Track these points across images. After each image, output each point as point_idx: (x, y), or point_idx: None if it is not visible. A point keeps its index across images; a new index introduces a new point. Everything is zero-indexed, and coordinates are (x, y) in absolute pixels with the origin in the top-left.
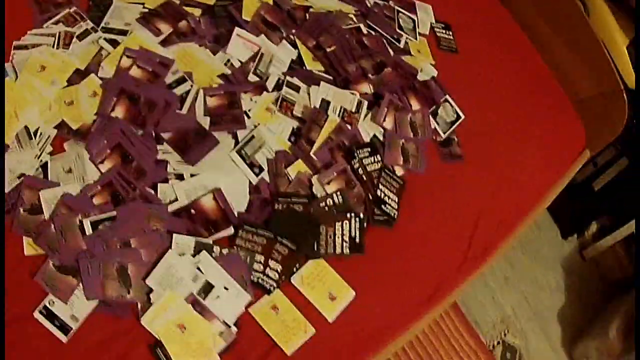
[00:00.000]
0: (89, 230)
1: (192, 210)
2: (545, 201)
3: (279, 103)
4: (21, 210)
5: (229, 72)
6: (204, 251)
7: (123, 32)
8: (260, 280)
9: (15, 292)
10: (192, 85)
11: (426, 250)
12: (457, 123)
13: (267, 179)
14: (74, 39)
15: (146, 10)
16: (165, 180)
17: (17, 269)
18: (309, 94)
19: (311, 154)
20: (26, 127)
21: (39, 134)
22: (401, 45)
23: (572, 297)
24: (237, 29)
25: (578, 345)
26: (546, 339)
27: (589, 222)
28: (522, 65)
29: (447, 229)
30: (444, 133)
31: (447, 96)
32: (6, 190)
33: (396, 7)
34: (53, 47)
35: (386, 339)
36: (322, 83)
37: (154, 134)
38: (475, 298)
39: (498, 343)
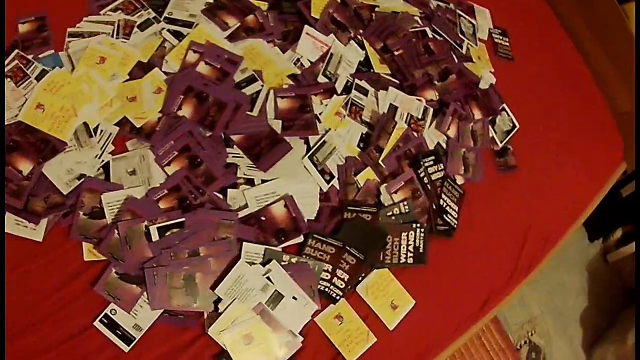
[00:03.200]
0: (155, 236)
1: (262, 217)
2: (585, 216)
3: (348, 107)
4: (81, 214)
5: (299, 72)
6: (274, 261)
7: (188, 24)
8: (327, 290)
9: (74, 300)
10: (262, 86)
11: (480, 261)
12: (513, 132)
13: (336, 186)
14: (135, 29)
15: (211, 1)
16: (234, 185)
17: (77, 276)
18: (376, 97)
19: (379, 161)
20: (85, 124)
21: (99, 131)
22: (463, 51)
23: (595, 300)
24: (306, 28)
25: (597, 349)
26: (568, 341)
27: (615, 228)
28: (570, 76)
29: (499, 241)
30: (501, 142)
31: (504, 105)
32: (64, 192)
33: (457, 11)
34: (112, 36)
35: (441, 346)
36: (390, 88)
37: (223, 136)
38: None
39: (525, 342)
